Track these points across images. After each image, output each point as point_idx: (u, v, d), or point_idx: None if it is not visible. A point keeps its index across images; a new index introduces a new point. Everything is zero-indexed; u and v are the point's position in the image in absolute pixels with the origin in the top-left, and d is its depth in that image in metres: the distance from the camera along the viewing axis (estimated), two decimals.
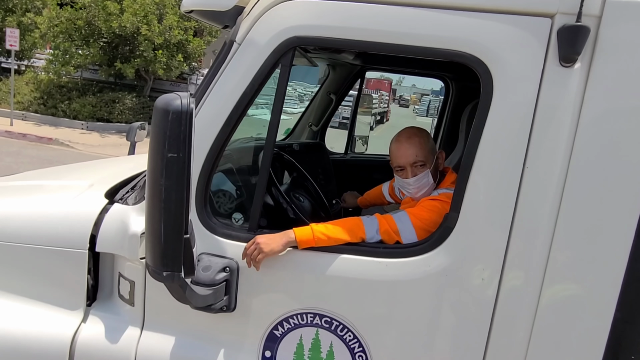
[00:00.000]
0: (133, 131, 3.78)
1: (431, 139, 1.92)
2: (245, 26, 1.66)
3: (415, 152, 1.84)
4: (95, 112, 14.30)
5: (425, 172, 1.85)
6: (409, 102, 51.42)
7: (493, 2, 1.44)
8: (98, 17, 13.45)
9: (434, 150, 1.90)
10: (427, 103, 41.27)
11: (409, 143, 1.85)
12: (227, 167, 2.35)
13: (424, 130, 1.95)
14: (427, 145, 1.86)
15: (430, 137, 1.92)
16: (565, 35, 1.37)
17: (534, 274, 1.49)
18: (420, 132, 1.93)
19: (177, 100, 1.25)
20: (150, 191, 1.29)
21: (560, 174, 1.44)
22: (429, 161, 1.86)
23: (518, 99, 1.45)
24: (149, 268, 1.38)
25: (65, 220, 1.94)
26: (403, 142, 1.87)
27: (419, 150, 1.85)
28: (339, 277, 1.62)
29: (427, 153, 1.85)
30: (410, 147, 1.84)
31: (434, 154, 1.88)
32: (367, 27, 1.53)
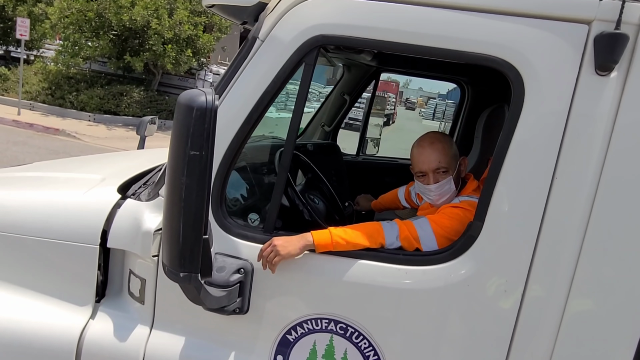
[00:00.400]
0: (143, 125, 3.76)
1: (454, 145, 1.87)
2: (269, 23, 1.62)
3: (438, 158, 1.79)
4: (103, 105, 14.30)
5: (447, 178, 1.80)
6: (415, 104, 51.38)
7: (527, 6, 1.40)
8: (109, 9, 13.44)
9: (457, 156, 1.85)
10: (433, 106, 41.20)
11: (432, 148, 1.80)
12: (240, 165, 2.31)
13: (447, 136, 1.91)
14: (450, 152, 1.82)
15: (453, 143, 1.87)
16: (603, 42, 1.33)
17: (559, 287, 1.45)
18: (443, 137, 1.88)
19: (202, 96, 1.21)
20: (170, 189, 1.26)
21: (591, 186, 1.39)
22: (451, 168, 1.82)
23: (550, 107, 1.40)
24: (165, 267, 1.35)
25: (77, 214, 1.91)
26: (426, 147, 1.82)
27: (442, 156, 1.80)
28: (356, 283, 1.58)
29: (449, 159, 1.81)
30: (433, 153, 1.80)
31: (456, 161, 1.84)
32: (395, 27, 1.49)
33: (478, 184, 1.86)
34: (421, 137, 1.89)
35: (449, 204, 1.75)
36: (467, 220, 1.61)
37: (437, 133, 1.92)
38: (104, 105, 14.32)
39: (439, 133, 1.92)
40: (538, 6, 1.39)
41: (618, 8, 1.31)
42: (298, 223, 2.00)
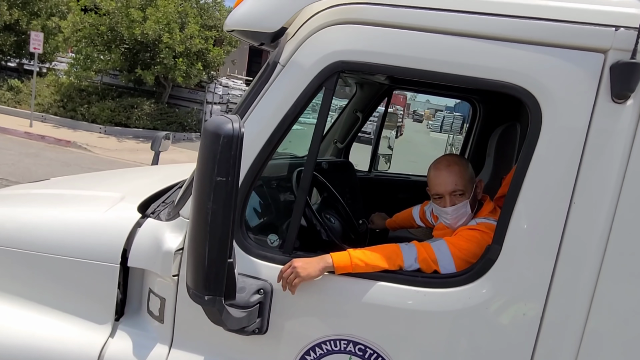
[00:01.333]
0: (158, 141, 3.80)
1: (470, 167, 1.89)
2: (290, 48, 1.66)
3: (455, 180, 1.82)
4: (114, 117, 14.47)
5: (464, 202, 1.82)
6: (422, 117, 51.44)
7: (545, 35, 1.43)
8: (121, 23, 13.67)
9: (473, 179, 1.87)
10: (441, 119, 41.25)
11: (449, 171, 1.83)
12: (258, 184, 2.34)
13: (463, 159, 1.93)
14: (467, 174, 1.85)
15: (469, 166, 1.89)
16: (619, 71, 1.35)
17: (578, 310, 1.46)
18: (460, 160, 1.91)
19: (229, 124, 1.25)
20: (196, 214, 1.29)
21: (608, 213, 1.41)
22: (468, 190, 1.83)
23: (567, 134, 1.42)
24: (189, 290, 1.37)
25: (98, 233, 1.94)
26: (442, 170, 1.84)
27: (458, 179, 1.82)
28: (375, 305, 1.60)
29: (466, 182, 1.83)
30: (450, 176, 1.82)
31: (472, 183, 1.86)
32: (414, 55, 1.52)
33: (494, 205, 1.87)
34: (438, 160, 1.91)
35: (466, 226, 1.77)
36: (484, 242, 1.63)
37: (454, 155, 1.95)
38: (115, 118, 14.49)
39: (455, 155, 1.95)
40: (555, 35, 1.42)
41: (634, 38, 1.34)
42: (315, 243, 2.03)
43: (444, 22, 1.49)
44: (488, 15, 1.45)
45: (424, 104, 53.30)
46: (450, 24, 1.49)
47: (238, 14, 1.76)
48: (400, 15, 1.53)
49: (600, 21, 1.39)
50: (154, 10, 13.37)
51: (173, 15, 13.64)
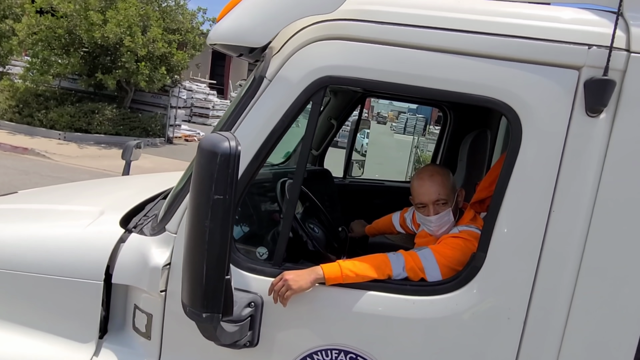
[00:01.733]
0: (129, 150, 3.72)
1: (451, 177, 1.96)
2: (276, 63, 1.68)
3: (438, 190, 1.88)
4: (74, 123, 14.04)
5: (447, 210, 1.89)
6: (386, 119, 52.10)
7: (523, 52, 1.50)
8: (80, 26, 13.29)
9: (455, 188, 1.94)
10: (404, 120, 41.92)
11: (432, 181, 1.89)
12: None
13: (445, 169, 1.99)
14: (449, 184, 1.91)
15: (450, 176, 1.96)
16: (592, 87, 1.44)
17: (558, 314, 1.54)
18: (441, 170, 1.97)
19: (225, 142, 1.26)
20: (193, 232, 1.29)
21: (585, 219, 1.49)
22: (450, 199, 1.90)
23: (546, 145, 1.50)
24: (185, 308, 1.37)
25: (80, 249, 1.90)
26: (426, 180, 1.90)
27: (441, 188, 1.88)
28: (365, 314, 1.64)
29: (449, 191, 1.90)
30: (433, 185, 1.88)
31: (454, 192, 1.93)
32: (400, 70, 1.57)
33: (475, 213, 1.94)
34: (421, 170, 1.97)
35: (449, 234, 1.83)
36: (467, 250, 1.70)
37: (436, 166, 2.01)
38: (75, 123, 14.05)
39: (437, 166, 2.02)
40: (533, 52, 1.50)
41: (606, 55, 1.42)
42: (300, 253, 2.05)
43: (429, 39, 1.55)
44: (471, 33, 1.52)
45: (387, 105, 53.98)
46: (434, 41, 1.54)
47: (222, 28, 1.76)
48: (386, 32, 1.57)
49: (574, 40, 1.47)
50: (114, 13, 13.06)
51: (135, 19, 13.35)
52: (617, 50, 1.44)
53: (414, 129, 33.36)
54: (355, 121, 4.03)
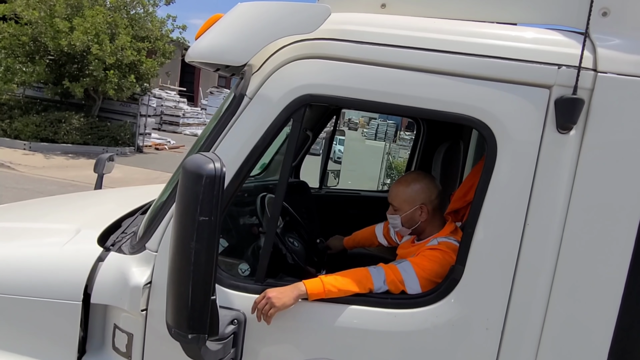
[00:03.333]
0: (102, 163, 3.66)
1: (418, 191, 2.00)
2: (257, 81, 1.70)
3: (393, 194, 2.05)
4: (39, 132, 13.66)
5: (395, 215, 2.03)
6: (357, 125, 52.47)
7: (497, 71, 1.56)
8: (45, 34, 12.97)
9: (413, 201, 1.98)
10: (375, 127, 42.35)
11: (395, 184, 2.10)
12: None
13: (417, 183, 2.03)
14: (406, 195, 2.00)
15: (416, 189, 2.00)
16: (562, 106, 1.51)
17: (534, 324, 1.60)
18: (410, 180, 2.05)
19: (210, 164, 1.26)
20: (178, 254, 1.29)
21: (557, 231, 1.56)
22: (401, 209, 2.01)
23: (520, 161, 1.56)
24: (170, 329, 1.36)
25: (56, 270, 1.87)
26: (396, 182, 2.11)
27: (396, 194, 2.04)
28: (348, 328, 1.66)
29: (401, 201, 2.01)
30: (393, 189, 2.08)
31: (411, 205, 1.98)
32: (380, 89, 1.61)
33: (455, 226, 2.00)
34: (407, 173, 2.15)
35: (428, 246, 1.88)
36: (445, 262, 1.74)
37: (412, 174, 2.15)
38: (41, 133, 13.68)
39: (411, 175, 2.13)
40: (506, 72, 1.56)
41: (574, 75, 1.50)
42: (280, 267, 2.05)
43: (405, 59, 1.59)
44: (446, 52, 1.57)
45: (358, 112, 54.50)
46: (411, 60, 1.59)
47: (201, 46, 1.76)
48: (365, 52, 1.61)
49: (545, 60, 1.54)
50: (81, 21, 12.81)
51: (102, 26, 13.12)
52: (585, 70, 1.51)
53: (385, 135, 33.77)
54: (330, 132, 4.06)
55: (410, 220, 2.00)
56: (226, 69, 2.08)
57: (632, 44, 1.55)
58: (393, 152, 16.31)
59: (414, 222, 2.00)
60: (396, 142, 23.60)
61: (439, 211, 2.04)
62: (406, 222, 2.01)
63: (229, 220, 2.37)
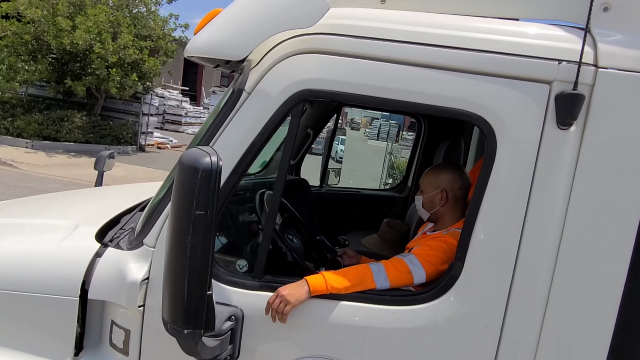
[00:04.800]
0: (102, 160, 3.65)
1: (444, 176, 2.07)
2: (255, 76, 1.69)
3: (423, 176, 2.15)
4: (42, 130, 13.67)
5: (420, 197, 2.11)
6: (359, 125, 52.41)
7: (497, 67, 1.55)
8: (48, 32, 12.99)
9: (438, 185, 2.05)
10: (377, 127, 42.27)
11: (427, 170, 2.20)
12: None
13: (443, 167, 2.20)
14: (430, 177, 2.11)
15: (442, 176, 2.08)
16: (563, 101, 1.49)
17: (533, 321, 1.58)
18: (438, 166, 2.24)
19: (206, 157, 1.25)
20: (174, 248, 1.28)
21: (557, 228, 1.54)
22: (425, 190, 2.09)
23: (519, 157, 1.55)
24: (166, 325, 1.36)
25: (54, 265, 1.86)
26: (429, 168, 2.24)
27: (424, 177, 2.15)
28: (346, 325, 1.65)
29: (426, 183, 2.11)
30: (424, 173, 2.17)
31: (434, 188, 2.05)
32: (378, 84, 1.60)
33: None
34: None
35: (430, 234, 1.97)
36: (449, 250, 1.76)
37: (444, 163, 2.37)
38: (43, 131, 13.69)
39: (445, 163, 2.37)
40: (506, 67, 1.55)
41: (575, 70, 1.48)
42: (279, 265, 2.04)
43: (405, 54, 1.58)
44: (446, 47, 1.56)
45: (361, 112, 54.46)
46: (410, 55, 1.58)
47: (200, 40, 1.76)
48: (363, 46, 1.60)
49: (545, 55, 1.52)
50: (83, 19, 12.80)
51: (105, 25, 13.11)
52: (586, 66, 1.49)
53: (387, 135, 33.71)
54: (331, 130, 4.06)
55: (430, 203, 2.06)
56: (226, 65, 2.08)
57: (633, 39, 1.53)
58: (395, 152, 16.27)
59: (433, 206, 2.06)
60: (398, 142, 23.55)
61: (461, 204, 2.05)
62: (427, 204, 2.08)
63: (228, 218, 2.36)
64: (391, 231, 3.28)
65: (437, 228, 2.05)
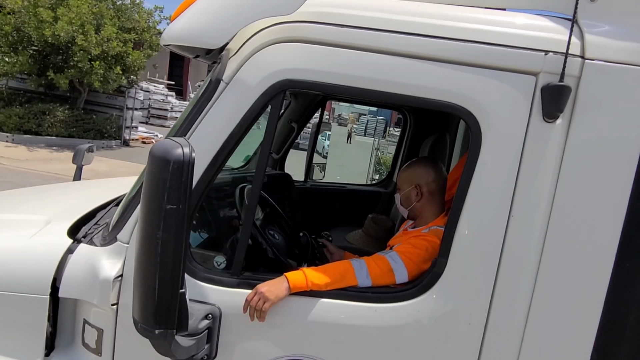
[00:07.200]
0: (80, 154, 3.56)
1: (415, 171, 2.04)
2: (233, 65, 1.62)
3: (398, 174, 2.15)
4: (23, 124, 13.39)
5: (397, 194, 2.08)
6: (347, 121, 52.38)
7: (482, 57, 1.50)
8: (28, 23, 12.70)
9: (412, 180, 2.02)
10: (364, 123, 42.30)
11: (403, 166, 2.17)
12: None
13: (416, 163, 2.13)
14: (404, 174, 2.08)
15: (415, 171, 2.05)
16: (549, 93, 1.46)
17: (518, 319, 1.55)
18: (411, 162, 2.14)
19: (178, 149, 1.19)
20: (144, 244, 1.22)
21: (543, 222, 1.51)
22: (401, 187, 2.06)
23: (505, 150, 1.51)
24: (137, 324, 1.29)
25: (23, 262, 1.79)
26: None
27: (399, 175, 2.12)
28: (327, 323, 1.60)
29: (401, 180, 2.08)
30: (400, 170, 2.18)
31: (409, 184, 2.02)
32: (360, 74, 1.54)
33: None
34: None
35: (411, 231, 1.92)
36: (431, 248, 1.72)
37: (418, 158, 2.27)
38: (24, 125, 13.41)
39: (418, 158, 2.27)
40: (491, 58, 1.50)
41: (561, 62, 1.44)
42: (260, 261, 1.99)
43: (387, 43, 1.53)
44: (430, 37, 1.51)
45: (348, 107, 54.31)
46: (393, 45, 1.53)
47: (176, 28, 1.69)
48: (345, 35, 1.54)
49: (531, 46, 1.48)
50: (65, 11, 12.55)
51: (87, 16, 12.86)
52: (573, 57, 1.46)
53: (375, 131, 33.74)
54: (316, 124, 4.00)
55: (407, 200, 2.04)
56: (207, 55, 2.00)
57: (621, 30, 1.50)
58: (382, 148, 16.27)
59: (410, 202, 2.03)
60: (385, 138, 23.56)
61: (438, 198, 2.01)
62: (404, 201, 2.05)
63: (209, 213, 2.30)
64: (376, 227, 3.24)
65: (417, 224, 2.01)
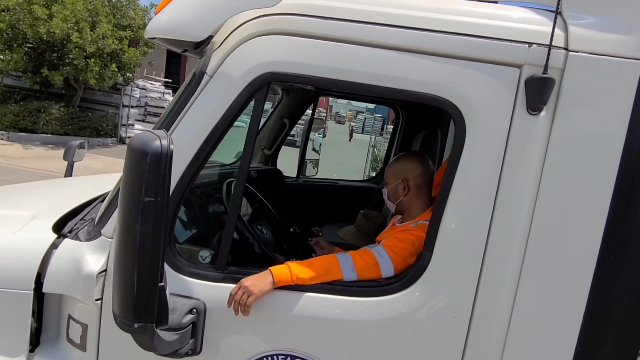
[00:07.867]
0: (72, 150, 3.53)
1: (401, 166, 2.05)
2: (217, 58, 1.61)
3: (386, 169, 2.15)
4: (18, 122, 13.35)
5: (385, 189, 2.08)
6: (344, 118, 52.38)
7: (465, 49, 1.49)
8: (23, 20, 12.64)
9: (399, 175, 2.01)
10: (362, 120, 42.33)
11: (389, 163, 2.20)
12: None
13: (403, 157, 2.15)
14: (391, 169, 2.09)
15: (401, 165, 2.06)
16: (532, 86, 1.45)
17: (502, 311, 1.54)
18: (398, 157, 2.16)
19: (156, 140, 1.18)
20: (123, 237, 1.21)
21: (527, 215, 1.50)
22: (388, 182, 2.07)
23: (489, 143, 1.50)
24: (116, 318, 1.28)
25: (7, 257, 1.77)
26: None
27: (386, 169, 2.14)
28: (312, 317, 1.59)
29: (388, 174, 2.08)
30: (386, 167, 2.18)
31: (395, 178, 2.02)
32: (344, 67, 1.53)
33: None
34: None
35: (399, 225, 1.91)
36: (418, 242, 1.70)
37: (404, 153, 2.26)
38: (19, 123, 13.36)
39: (404, 153, 2.26)
40: (474, 50, 1.49)
41: (545, 54, 1.44)
42: (247, 256, 1.98)
43: (372, 36, 1.52)
44: (414, 29, 1.50)
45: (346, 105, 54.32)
46: (377, 37, 1.52)
47: (160, 21, 1.67)
48: (330, 28, 1.53)
49: (515, 38, 1.47)
50: (60, 8, 12.50)
51: (82, 14, 12.81)
52: (556, 49, 1.45)
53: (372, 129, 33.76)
54: (308, 120, 3.99)
55: (394, 194, 2.04)
56: (195, 50, 1.99)
57: (605, 22, 1.49)
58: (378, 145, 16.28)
59: (397, 197, 2.02)
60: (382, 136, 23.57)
61: (425, 191, 2.00)
62: (391, 196, 2.05)
63: (197, 208, 2.29)
64: (368, 222, 3.23)
65: (404, 219, 2.00)
